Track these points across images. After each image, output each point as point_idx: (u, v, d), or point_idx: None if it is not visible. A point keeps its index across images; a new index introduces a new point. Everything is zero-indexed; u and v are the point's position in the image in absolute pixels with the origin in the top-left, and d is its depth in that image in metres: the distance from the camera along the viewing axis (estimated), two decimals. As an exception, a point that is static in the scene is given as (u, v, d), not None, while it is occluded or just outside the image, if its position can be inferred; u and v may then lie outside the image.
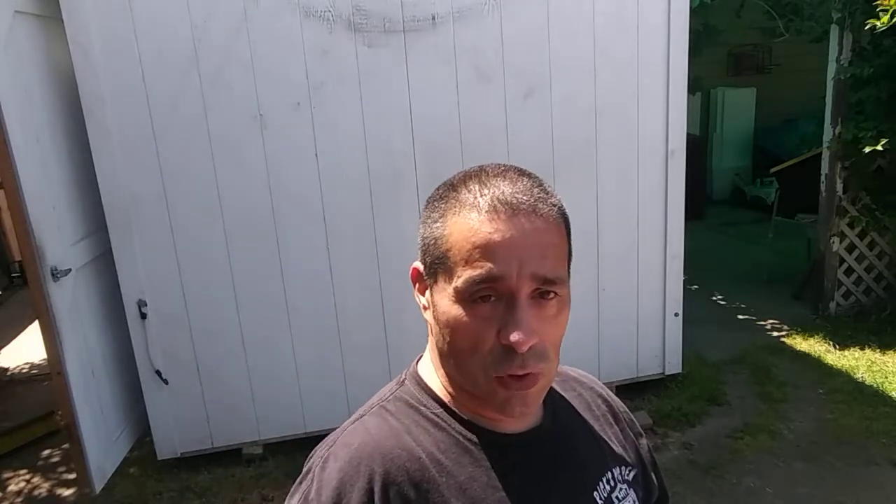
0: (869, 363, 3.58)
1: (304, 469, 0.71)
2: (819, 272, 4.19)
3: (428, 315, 0.70)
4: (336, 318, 2.90)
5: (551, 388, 0.74)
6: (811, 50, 4.50)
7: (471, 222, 0.63)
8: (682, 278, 3.30)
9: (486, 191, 0.64)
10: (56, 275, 2.49)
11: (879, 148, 3.58)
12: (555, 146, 2.96)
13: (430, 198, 0.71)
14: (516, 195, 0.63)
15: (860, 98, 3.83)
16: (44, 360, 3.92)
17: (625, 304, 3.22)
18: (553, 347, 0.66)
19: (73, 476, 2.99)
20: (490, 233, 0.62)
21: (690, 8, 3.02)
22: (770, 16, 4.49)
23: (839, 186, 3.96)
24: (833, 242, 4.07)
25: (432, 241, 0.66)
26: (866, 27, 3.10)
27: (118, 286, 2.71)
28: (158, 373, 2.80)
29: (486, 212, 0.63)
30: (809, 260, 4.55)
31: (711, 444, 2.98)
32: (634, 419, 0.88)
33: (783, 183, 4.94)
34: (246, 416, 2.93)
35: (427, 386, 0.73)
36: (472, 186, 0.66)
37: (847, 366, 3.57)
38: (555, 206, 0.66)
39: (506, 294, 0.62)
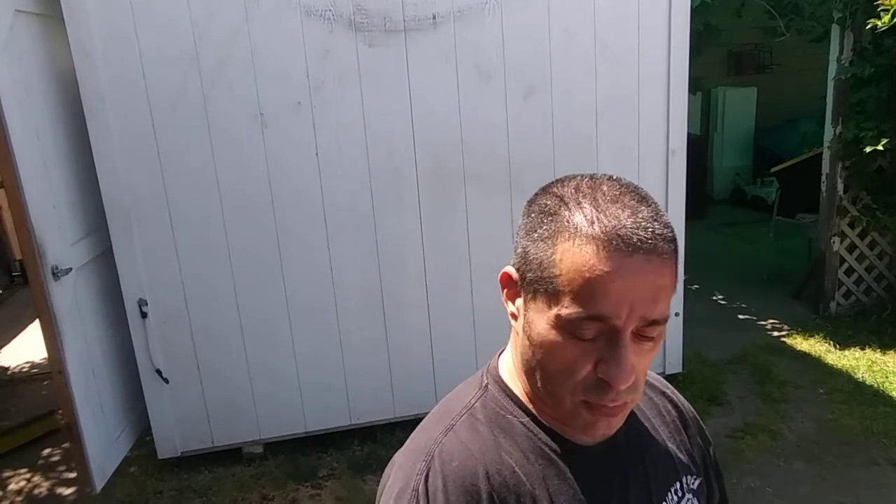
0: (869, 363, 3.58)
1: (396, 478, 0.69)
2: (819, 272, 4.19)
3: (517, 324, 0.68)
4: (337, 317, 2.90)
5: None
6: (812, 50, 4.50)
7: (586, 255, 0.59)
8: (683, 278, 3.30)
9: (603, 219, 0.60)
10: (57, 274, 2.50)
11: (880, 148, 3.58)
12: (555, 145, 2.96)
13: (533, 204, 0.67)
14: (636, 231, 0.59)
15: (861, 98, 3.83)
16: (44, 359, 3.92)
17: (625, 303, 3.22)
18: (643, 377, 0.66)
19: (73, 475, 2.99)
20: (606, 271, 0.58)
21: (691, 8, 3.02)
22: (771, 15, 4.48)
23: (840, 186, 3.96)
24: (833, 242, 4.07)
25: (537, 261, 0.63)
26: (867, 27, 3.10)
27: (119, 285, 2.71)
28: (159, 372, 2.80)
29: (604, 247, 0.59)
30: (810, 260, 4.54)
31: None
32: (703, 425, 0.87)
33: (784, 183, 4.94)
34: (246, 416, 2.93)
35: (511, 392, 0.72)
36: (586, 208, 0.61)
37: (847, 366, 3.57)
38: (671, 241, 0.62)
39: (609, 331, 0.61)
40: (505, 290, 0.70)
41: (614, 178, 0.66)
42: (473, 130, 2.86)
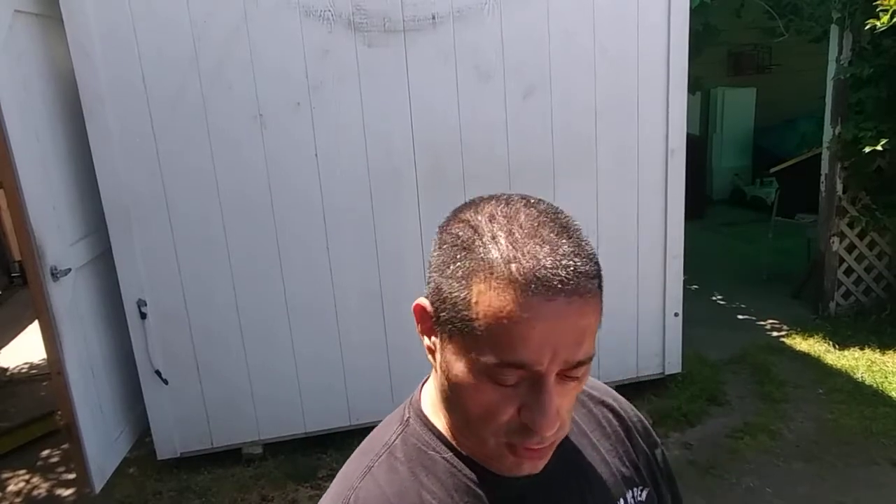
0: (869, 363, 3.58)
1: None
2: (819, 272, 4.19)
3: (435, 361, 0.64)
4: (336, 317, 2.90)
5: None
6: (811, 50, 4.50)
7: (503, 301, 0.54)
8: (682, 278, 3.30)
9: (521, 258, 0.55)
10: (56, 274, 2.49)
11: (879, 148, 3.58)
12: (555, 145, 2.96)
13: (444, 233, 0.61)
14: (557, 271, 0.54)
15: (860, 98, 3.83)
16: (43, 359, 3.92)
17: (625, 303, 3.22)
18: (569, 413, 0.62)
19: (72, 476, 2.99)
20: (526, 318, 0.54)
21: (690, 8, 3.02)
22: (770, 16, 4.48)
23: (839, 186, 3.96)
24: (833, 242, 4.07)
25: (451, 301, 0.58)
26: (866, 27, 3.10)
27: (118, 286, 2.71)
28: (158, 372, 2.79)
29: (522, 292, 0.54)
30: (809, 260, 4.54)
31: (711, 443, 2.97)
32: (650, 428, 0.83)
33: (783, 183, 4.94)
34: (246, 416, 2.93)
35: (433, 426, 0.68)
36: (502, 245, 0.56)
37: (847, 366, 3.57)
38: (595, 276, 0.58)
39: (531, 376, 0.57)
40: (419, 325, 0.65)
41: (532, 201, 0.61)
42: (473, 130, 2.86)
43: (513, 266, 0.55)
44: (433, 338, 0.63)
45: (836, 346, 3.78)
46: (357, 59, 2.70)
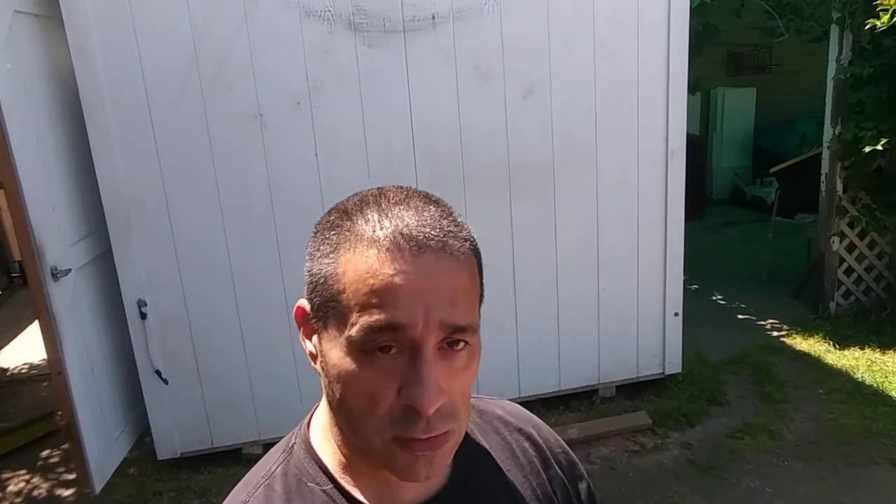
0: (869, 363, 3.58)
1: None
2: (819, 272, 4.19)
3: (317, 365, 0.60)
4: (336, 318, 2.90)
5: (465, 436, 0.63)
6: (811, 50, 4.50)
7: (368, 260, 0.53)
8: (682, 278, 3.30)
9: (386, 222, 0.54)
10: (56, 275, 2.49)
11: (879, 148, 3.58)
12: (554, 146, 2.96)
13: (318, 224, 0.60)
14: (422, 229, 0.54)
15: (860, 98, 3.83)
16: (43, 359, 3.92)
17: (625, 304, 3.22)
18: (463, 401, 0.58)
19: (72, 476, 2.99)
20: (391, 274, 0.52)
21: (690, 8, 3.02)
22: (770, 16, 4.48)
23: (839, 186, 3.96)
24: (833, 242, 4.07)
25: (321, 280, 0.56)
26: (866, 27, 3.11)
27: (118, 286, 2.71)
28: (158, 373, 2.79)
29: (387, 248, 0.53)
30: (809, 260, 4.54)
31: (711, 444, 2.97)
32: (575, 461, 0.77)
33: (783, 183, 4.94)
34: (246, 416, 2.93)
35: (317, 457, 0.64)
36: (369, 215, 0.56)
37: (847, 365, 3.57)
38: (466, 240, 0.57)
39: (409, 345, 0.53)
40: (301, 329, 0.61)
41: (404, 186, 0.60)
42: (472, 131, 2.86)
43: (377, 229, 0.54)
44: (314, 338, 0.60)
45: (836, 346, 3.78)
46: (357, 60, 2.69)
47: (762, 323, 4.21)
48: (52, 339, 2.49)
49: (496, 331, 2.96)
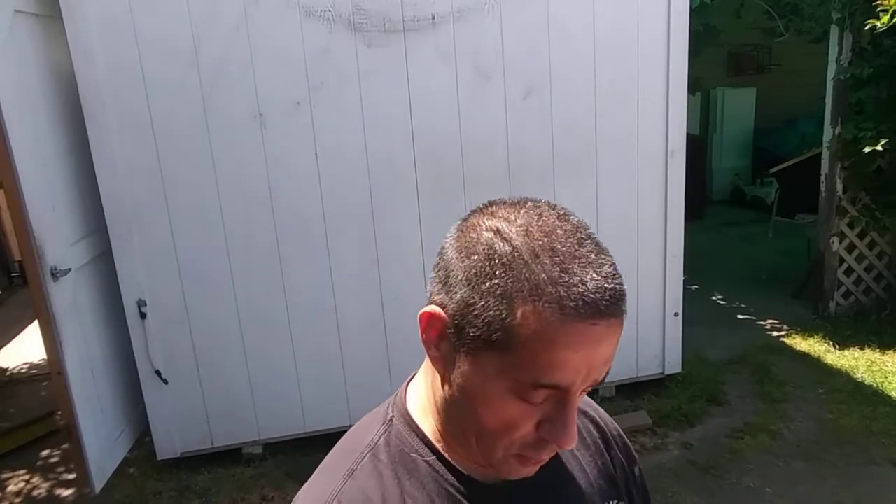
0: (869, 363, 3.58)
1: None
2: (819, 272, 4.19)
3: (440, 368, 0.62)
4: (336, 317, 2.90)
5: None
6: (811, 50, 4.50)
7: (550, 328, 0.53)
8: (682, 278, 3.30)
9: (568, 281, 0.53)
10: (56, 274, 2.49)
11: (879, 148, 3.58)
12: (555, 145, 2.96)
13: (473, 242, 0.57)
14: (603, 296, 0.53)
15: (860, 98, 3.83)
16: (43, 359, 3.92)
17: (625, 303, 3.22)
18: None
19: (72, 476, 2.99)
20: (571, 344, 0.53)
21: (690, 8, 3.02)
22: (770, 16, 4.49)
23: (839, 186, 3.96)
24: (833, 242, 4.07)
25: (486, 319, 0.55)
26: (866, 27, 3.10)
27: (118, 286, 2.71)
28: (158, 373, 2.79)
29: (571, 318, 0.53)
30: (809, 260, 4.55)
31: (711, 443, 2.97)
32: (628, 443, 0.82)
33: (783, 183, 4.94)
34: (246, 416, 2.93)
35: (419, 429, 0.67)
36: (545, 262, 0.54)
37: (847, 366, 3.57)
38: (625, 295, 0.57)
39: (559, 394, 0.57)
40: (426, 332, 0.61)
41: (561, 212, 0.60)
42: (473, 131, 2.86)
43: (561, 290, 0.53)
44: (443, 347, 0.60)
45: (836, 346, 3.78)
46: (357, 60, 2.70)
47: (762, 323, 4.21)
48: (52, 338, 2.49)
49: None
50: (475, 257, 0.56)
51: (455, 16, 2.74)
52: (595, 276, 0.54)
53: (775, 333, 4.04)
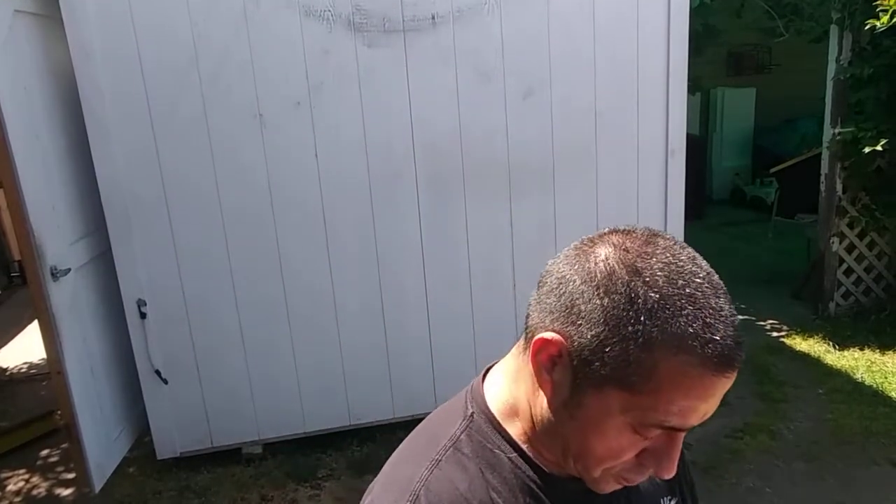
0: (868, 363, 3.58)
1: None
2: (819, 272, 4.19)
3: (549, 392, 0.63)
4: (336, 317, 2.90)
5: None
6: (811, 50, 4.50)
7: (689, 379, 0.56)
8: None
9: (708, 337, 0.55)
10: (56, 274, 2.49)
11: (879, 148, 3.58)
12: (555, 146, 2.96)
13: (613, 283, 0.57)
14: (737, 352, 0.57)
15: (860, 98, 3.84)
16: (43, 359, 3.92)
17: (624, 303, 3.22)
18: None
19: (72, 475, 2.99)
20: (703, 395, 0.57)
21: (690, 8, 3.02)
22: (770, 16, 4.49)
23: (839, 186, 3.96)
24: (833, 242, 4.07)
25: (621, 360, 0.56)
26: (866, 27, 3.10)
27: (118, 285, 2.70)
28: (158, 372, 2.79)
29: (710, 371, 0.56)
30: (809, 260, 4.55)
31: (711, 444, 2.97)
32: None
33: (783, 183, 4.95)
34: (245, 416, 2.93)
35: (501, 427, 0.68)
36: (690, 315, 0.55)
37: (846, 366, 3.57)
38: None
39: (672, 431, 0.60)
40: (540, 356, 0.62)
41: (691, 255, 0.61)
42: (472, 131, 2.86)
43: (699, 343, 0.55)
44: (557, 373, 0.61)
45: (836, 347, 3.78)
46: (357, 60, 2.69)
47: (762, 323, 4.21)
48: (51, 338, 2.49)
49: (495, 330, 2.95)
50: (616, 297, 0.57)
51: (455, 16, 2.74)
52: (731, 331, 0.57)
53: (775, 334, 4.04)
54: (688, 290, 0.57)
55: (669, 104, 3.03)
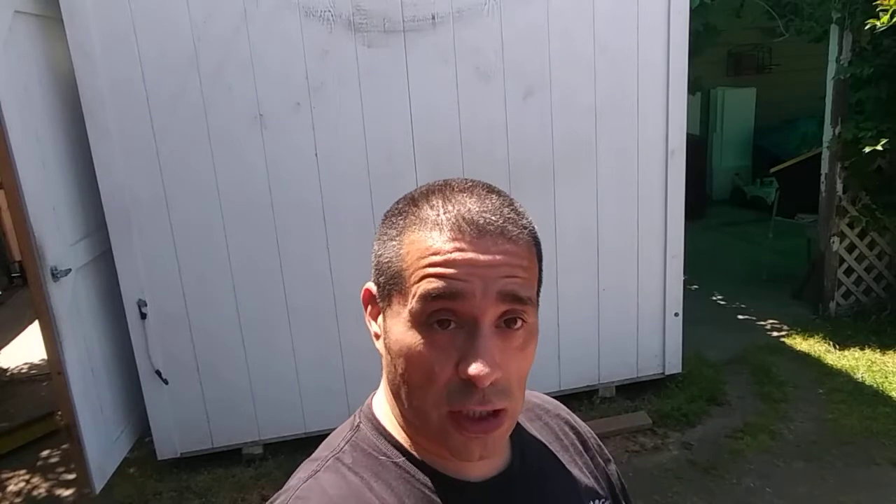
0: (869, 363, 3.58)
1: None
2: (819, 272, 4.19)
3: (380, 344, 0.64)
4: (336, 317, 2.90)
5: (517, 424, 0.67)
6: (811, 50, 4.50)
7: (430, 240, 0.57)
8: (683, 278, 3.30)
9: (450, 207, 0.58)
10: (56, 275, 2.49)
11: (879, 148, 3.58)
12: (555, 146, 2.96)
13: (387, 213, 0.64)
14: (484, 214, 0.58)
15: (860, 98, 3.83)
16: (44, 359, 3.92)
17: (625, 303, 3.22)
18: (518, 383, 0.60)
19: (72, 476, 2.99)
20: (450, 250, 0.56)
21: (690, 8, 3.02)
22: (770, 16, 4.49)
23: (839, 186, 3.96)
24: (833, 242, 4.07)
25: (387, 261, 0.60)
26: (866, 27, 3.10)
27: (118, 286, 2.71)
28: (158, 373, 2.79)
29: (449, 230, 0.57)
30: (809, 260, 4.54)
31: (711, 444, 2.97)
32: (602, 444, 0.82)
33: (783, 183, 4.94)
34: (246, 416, 2.93)
35: (384, 429, 0.66)
36: (434, 202, 0.59)
37: (847, 366, 3.57)
38: (525, 227, 0.60)
39: (467, 320, 0.56)
40: (368, 309, 0.66)
41: (470, 179, 0.64)
42: (473, 131, 2.86)
43: (441, 213, 0.58)
44: (378, 319, 0.64)
45: (836, 346, 3.78)
46: (357, 60, 2.70)
47: (762, 323, 4.21)
48: (52, 339, 2.49)
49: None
50: (383, 224, 0.63)
51: (455, 16, 2.74)
52: (478, 202, 0.59)
53: (775, 333, 4.04)
54: (440, 189, 0.61)
55: (669, 104, 3.03)
